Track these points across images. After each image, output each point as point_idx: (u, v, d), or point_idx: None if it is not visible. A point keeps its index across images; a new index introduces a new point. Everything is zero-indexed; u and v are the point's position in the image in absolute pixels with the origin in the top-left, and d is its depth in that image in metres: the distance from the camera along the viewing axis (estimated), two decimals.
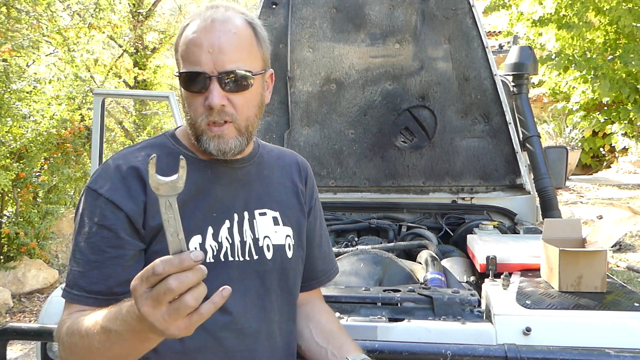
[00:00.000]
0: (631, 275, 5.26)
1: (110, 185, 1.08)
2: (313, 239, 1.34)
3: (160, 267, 0.75)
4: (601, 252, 1.56)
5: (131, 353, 0.91)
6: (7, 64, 5.45)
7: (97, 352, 0.91)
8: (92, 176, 1.13)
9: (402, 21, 2.62)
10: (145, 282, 0.77)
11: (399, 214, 2.76)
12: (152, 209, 1.07)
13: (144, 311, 0.77)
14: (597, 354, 1.28)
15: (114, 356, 0.91)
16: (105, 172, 1.11)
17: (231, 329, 1.11)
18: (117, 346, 0.88)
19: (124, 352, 0.90)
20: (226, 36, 1.07)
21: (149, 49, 10.65)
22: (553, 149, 3.08)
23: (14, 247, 5.35)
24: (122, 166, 1.11)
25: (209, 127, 1.09)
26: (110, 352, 0.90)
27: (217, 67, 1.05)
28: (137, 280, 0.78)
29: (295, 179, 1.32)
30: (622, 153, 11.45)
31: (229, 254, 1.13)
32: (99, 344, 0.90)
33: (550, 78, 10.14)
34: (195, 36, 1.07)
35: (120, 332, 0.86)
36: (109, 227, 1.06)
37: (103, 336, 0.89)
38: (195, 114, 1.09)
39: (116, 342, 0.88)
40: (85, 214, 1.08)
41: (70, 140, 6.16)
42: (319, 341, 1.24)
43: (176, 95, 3.99)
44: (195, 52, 1.06)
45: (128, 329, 0.84)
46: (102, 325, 0.89)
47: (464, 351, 1.32)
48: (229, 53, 1.06)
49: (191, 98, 1.09)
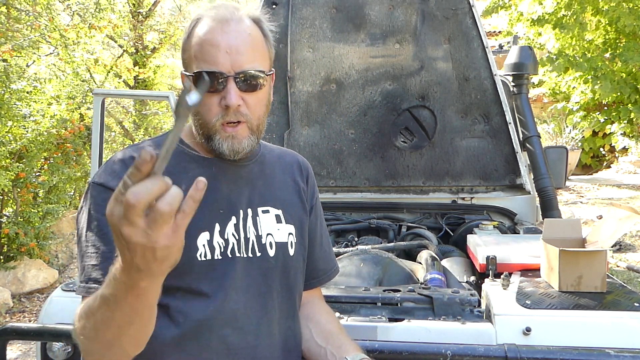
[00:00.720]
0: (631, 275, 5.26)
1: (118, 179, 1.08)
2: (314, 238, 1.35)
3: (126, 181, 0.72)
4: (601, 252, 1.56)
5: (133, 318, 0.86)
6: (7, 64, 5.45)
7: (103, 327, 0.88)
8: (97, 173, 1.12)
9: (402, 21, 2.62)
10: (117, 203, 0.73)
11: (399, 214, 2.76)
12: None
13: (126, 234, 0.73)
14: (597, 354, 1.28)
15: (118, 327, 0.87)
16: (110, 168, 1.11)
17: (232, 326, 1.11)
18: (117, 314, 0.85)
19: (125, 319, 0.86)
20: (242, 37, 1.08)
21: (148, 49, 10.65)
22: (553, 149, 3.08)
23: (14, 247, 5.35)
24: (127, 161, 1.11)
25: (223, 127, 1.10)
26: (114, 323, 0.86)
27: (234, 68, 1.07)
28: (111, 204, 0.74)
29: (297, 178, 1.33)
30: (622, 153, 11.45)
31: (235, 250, 1.14)
32: (101, 317, 0.86)
33: (551, 78, 10.14)
34: (211, 36, 1.07)
35: (116, 294, 0.82)
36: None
37: (104, 308, 0.85)
38: (208, 114, 1.10)
39: (115, 308, 0.84)
40: (93, 208, 1.07)
41: (70, 140, 6.16)
42: (318, 341, 1.25)
43: (176, 95, 3.99)
44: (212, 52, 1.07)
45: (121, 286, 0.80)
46: (101, 296, 0.86)
47: (464, 351, 1.32)
48: (245, 53, 1.08)
49: (205, 98, 1.09)
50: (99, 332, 0.89)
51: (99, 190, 1.08)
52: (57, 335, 1.49)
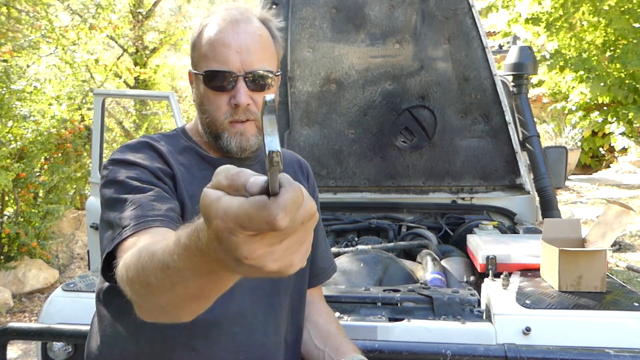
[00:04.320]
0: (631, 275, 5.26)
1: (139, 156, 1.08)
2: (316, 236, 1.36)
3: (283, 223, 0.53)
4: (601, 252, 1.56)
5: (198, 296, 0.71)
6: (8, 64, 5.46)
7: (156, 291, 0.72)
8: (112, 153, 1.11)
9: (402, 21, 2.62)
10: (251, 230, 0.54)
11: (399, 214, 2.76)
12: (180, 185, 1.08)
13: (256, 256, 0.55)
14: (597, 353, 1.28)
15: (175, 298, 0.72)
16: (127, 148, 1.11)
17: (240, 323, 1.12)
18: (179, 287, 0.69)
19: (188, 294, 0.70)
20: (252, 37, 1.09)
21: (149, 49, 10.64)
22: (553, 149, 3.08)
23: (15, 247, 5.35)
24: (143, 145, 1.12)
25: (231, 124, 1.11)
26: (171, 294, 0.71)
27: (244, 67, 1.08)
28: (235, 223, 0.54)
29: (299, 176, 1.34)
30: (621, 153, 11.45)
31: None
32: (156, 280, 0.71)
33: (551, 77, 10.14)
34: (223, 36, 1.09)
35: (182, 271, 0.66)
36: (150, 181, 1.03)
37: (161, 273, 0.69)
38: (217, 112, 1.11)
39: (177, 281, 0.68)
40: (120, 176, 1.02)
41: (70, 140, 6.16)
42: (316, 343, 1.25)
43: (176, 95, 4.00)
44: (222, 51, 1.08)
45: (193, 267, 0.64)
46: (159, 259, 0.69)
47: (463, 351, 1.32)
48: (255, 53, 1.09)
49: (214, 96, 1.11)
50: (152, 294, 0.74)
51: (122, 164, 1.06)
52: (57, 335, 1.49)
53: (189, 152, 1.17)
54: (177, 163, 1.12)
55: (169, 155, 1.12)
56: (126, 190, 1.00)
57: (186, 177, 1.11)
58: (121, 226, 0.93)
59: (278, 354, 1.18)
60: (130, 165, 1.05)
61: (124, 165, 1.06)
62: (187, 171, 1.13)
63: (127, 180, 1.02)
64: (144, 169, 1.05)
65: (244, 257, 0.55)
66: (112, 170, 1.06)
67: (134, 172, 1.04)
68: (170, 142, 1.17)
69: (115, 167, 1.06)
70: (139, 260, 0.75)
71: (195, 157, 1.17)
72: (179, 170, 1.11)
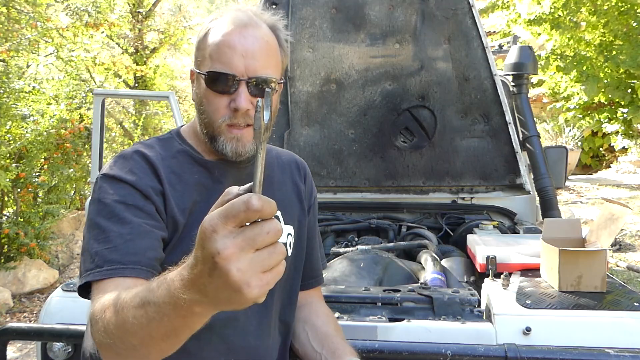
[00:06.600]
0: (631, 275, 5.26)
1: (129, 170, 1.08)
2: (313, 237, 1.36)
3: (257, 203, 0.62)
4: (601, 251, 1.56)
5: (169, 335, 0.77)
6: (6, 64, 5.45)
7: (131, 329, 0.78)
8: (104, 168, 1.11)
9: (402, 21, 2.62)
10: (233, 220, 0.63)
11: (399, 214, 2.76)
12: (169, 202, 1.07)
13: (226, 254, 0.62)
14: (597, 353, 1.28)
15: (149, 337, 0.78)
16: (121, 163, 1.11)
17: (233, 326, 1.12)
18: (154, 323, 0.75)
19: (160, 332, 0.76)
20: (258, 42, 1.09)
21: (148, 49, 10.64)
22: (553, 149, 3.08)
23: (14, 247, 5.34)
24: (135, 156, 1.11)
25: (228, 128, 1.10)
26: (145, 332, 0.77)
27: (248, 72, 1.07)
28: (219, 218, 0.64)
29: (296, 178, 1.33)
30: (621, 153, 11.46)
31: None
32: (133, 319, 0.77)
33: (551, 77, 10.14)
34: (229, 38, 1.08)
35: (160, 305, 0.73)
36: (136, 204, 1.03)
37: (140, 310, 0.76)
38: (215, 114, 1.10)
39: (153, 317, 0.74)
40: (107, 197, 1.04)
41: (70, 140, 6.15)
42: (314, 345, 1.25)
43: (176, 95, 4.00)
44: (227, 53, 1.07)
45: (170, 300, 0.71)
46: (141, 297, 0.76)
47: (463, 351, 1.32)
48: (260, 59, 1.08)
49: (214, 98, 1.10)
50: (125, 334, 0.80)
51: (111, 181, 1.06)
52: (57, 335, 1.49)
53: (182, 156, 1.16)
54: (169, 171, 1.11)
55: (161, 163, 1.11)
56: (109, 217, 1.01)
57: (177, 188, 1.10)
58: (95, 264, 0.97)
59: (270, 357, 1.18)
60: (119, 183, 1.05)
61: (113, 183, 1.06)
62: (178, 179, 1.12)
63: (113, 204, 1.02)
64: (132, 189, 1.05)
65: (217, 253, 0.63)
66: (101, 188, 1.06)
67: (121, 194, 1.04)
68: (163, 146, 1.16)
69: (105, 184, 1.07)
70: (120, 301, 0.82)
71: (188, 160, 1.16)
72: (169, 182, 1.10)
